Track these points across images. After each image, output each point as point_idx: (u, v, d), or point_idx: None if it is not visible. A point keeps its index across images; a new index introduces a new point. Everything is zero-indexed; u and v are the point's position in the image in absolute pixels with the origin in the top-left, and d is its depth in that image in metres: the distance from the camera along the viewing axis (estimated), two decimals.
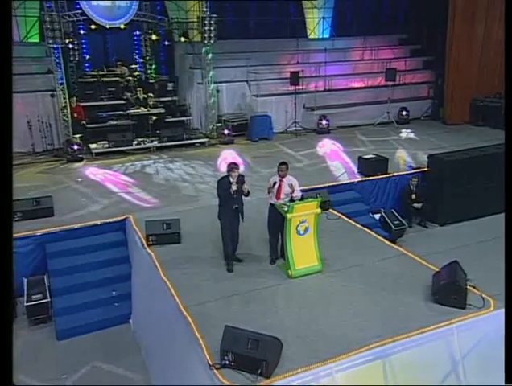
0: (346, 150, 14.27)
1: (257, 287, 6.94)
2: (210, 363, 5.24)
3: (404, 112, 17.79)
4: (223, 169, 11.43)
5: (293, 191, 7.33)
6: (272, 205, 7.36)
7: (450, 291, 6.39)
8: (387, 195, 11.98)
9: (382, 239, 8.68)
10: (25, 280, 8.41)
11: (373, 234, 8.87)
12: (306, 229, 7.09)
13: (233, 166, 7.27)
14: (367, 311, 6.38)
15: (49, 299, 8.23)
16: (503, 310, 6.24)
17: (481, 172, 11.79)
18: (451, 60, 17.25)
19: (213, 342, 5.44)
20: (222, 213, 7.37)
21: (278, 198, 7.35)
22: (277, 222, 7.29)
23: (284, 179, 7.36)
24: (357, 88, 18.74)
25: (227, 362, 5.19)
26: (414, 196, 11.65)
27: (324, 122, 16.55)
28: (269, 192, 7.36)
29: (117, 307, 8.37)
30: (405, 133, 16.37)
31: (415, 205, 11.65)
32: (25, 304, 8.11)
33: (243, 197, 7.37)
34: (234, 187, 7.13)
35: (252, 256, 7.84)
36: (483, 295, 6.55)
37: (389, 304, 6.53)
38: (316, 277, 7.19)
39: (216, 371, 5.15)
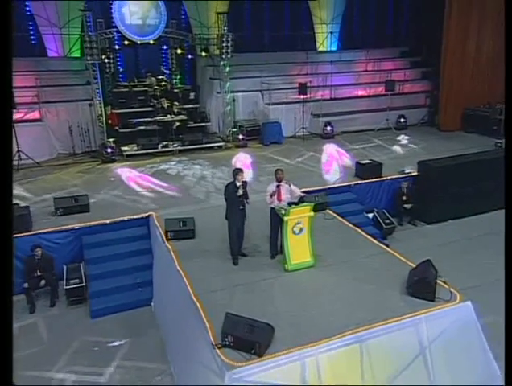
0: (347, 154, 14.42)
1: (257, 279, 7.23)
2: (213, 343, 5.63)
3: (402, 119, 17.83)
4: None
5: (293, 190, 7.62)
6: (273, 208, 7.62)
7: (421, 286, 6.62)
8: (381, 197, 12.08)
9: (370, 237, 8.79)
10: (65, 267, 8.81)
11: (363, 233, 9.00)
12: (301, 230, 7.32)
13: (238, 171, 7.53)
14: (350, 302, 6.64)
15: (84, 284, 8.58)
16: (469, 303, 6.60)
17: (465, 177, 11.88)
18: (445, 73, 17.23)
19: (217, 325, 5.78)
20: (229, 214, 7.63)
21: (279, 200, 7.54)
22: (277, 222, 7.56)
23: (282, 183, 7.58)
24: (359, 97, 18.81)
25: (227, 343, 5.56)
26: (404, 198, 11.77)
27: (328, 128, 16.69)
28: (270, 202, 7.55)
29: (141, 292, 8.63)
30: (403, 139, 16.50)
31: (406, 206, 11.78)
32: (64, 287, 8.51)
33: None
34: (240, 192, 7.52)
35: (255, 252, 8.05)
36: (451, 289, 6.75)
37: (369, 296, 6.76)
38: (309, 271, 7.42)
39: (217, 349, 5.53)
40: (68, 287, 8.52)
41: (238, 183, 7.49)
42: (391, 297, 6.74)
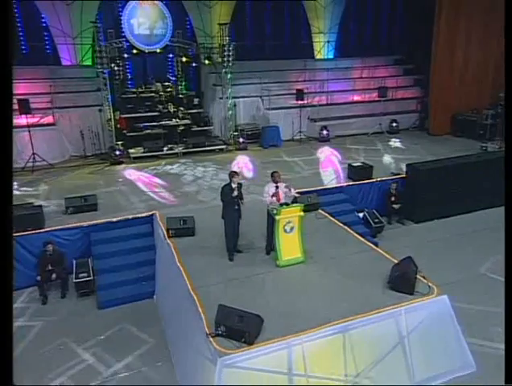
0: (341, 157, 14.50)
1: (251, 274, 7.39)
2: (207, 332, 5.83)
3: (394, 124, 17.91)
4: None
5: (290, 190, 7.73)
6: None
7: (402, 280, 6.79)
8: (371, 197, 12.13)
9: (358, 236, 8.90)
10: (74, 261, 8.94)
11: (351, 231, 9.09)
12: (291, 228, 7.48)
13: (233, 174, 7.70)
14: (335, 295, 6.80)
15: (92, 277, 8.72)
16: (445, 296, 6.75)
17: (450, 179, 11.98)
18: (434, 80, 17.31)
19: (212, 316, 5.94)
20: (225, 213, 7.79)
21: (279, 200, 7.60)
22: (273, 221, 7.62)
23: (279, 184, 7.69)
24: (354, 103, 18.90)
25: (220, 332, 5.75)
26: (393, 198, 11.85)
27: (324, 132, 16.78)
28: (270, 202, 7.60)
29: (144, 285, 8.74)
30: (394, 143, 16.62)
31: (395, 206, 11.87)
32: (74, 280, 8.68)
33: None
34: (236, 193, 7.71)
35: (250, 249, 8.18)
36: (429, 284, 6.90)
37: (354, 289, 6.92)
38: (299, 267, 7.57)
39: (211, 338, 5.73)
40: (76, 280, 8.69)
41: (234, 185, 7.67)
42: (374, 290, 6.89)
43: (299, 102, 16.73)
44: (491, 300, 8.41)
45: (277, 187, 7.67)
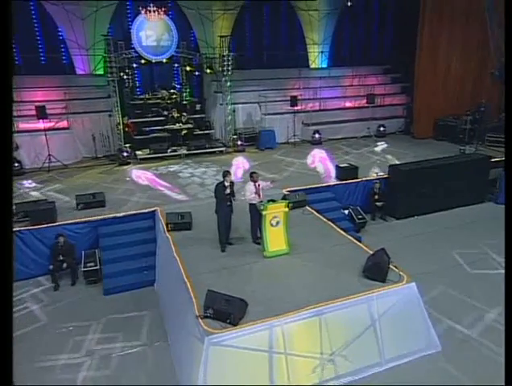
0: (331, 159, 14.63)
1: (240, 263, 7.62)
2: (197, 314, 6.11)
3: (382, 128, 18.04)
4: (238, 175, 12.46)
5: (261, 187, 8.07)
6: (252, 204, 7.98)
7: (375, 270, 7.01)
8: (357, 196, 12.27)
9: (340, 230, 9.04)
10: (83, 252, 9.18)
11: (335, 226, 9.23)
12: (277, 222, 7.70)
13: (226, 173, 7.96)
14: (314, 282, 7.03)
15: (99, 267, 8.97)
16: (413, 284, 6.96)
17: (429, 179, 12.16)
18: (418, 88, 17.45)
19: (203, 301, 6.18)
20: (219, 209, 8.05)
21: (259, 196, 7.96)
22: (256, 215, 7.91)
23: (258, 183, 8.04)
24: (345, 108, 19.02)
25: (208, 314, 6.02)
26: (377, 197, 12.00)
27: (317, 135, 16.96)
28: (251, 198, 7.93)
29: (146, 274, 8.98)
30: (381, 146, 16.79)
31: (378, 204, 12.02)
32: (82, 269, 8.95)
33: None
34: (228, 190, 7.96)
35: (240, 241, 8.41)
36: (400, 273, 7.11)
37: (331, 278, 7.14)
38: (284, 258, 7.78)
39: (200, 320, 6.00)
40: (85, 269, 8.95)
41: (227, 183, 7.94)
42: (350, 278, 7.10)
43: (294, 108, 16.87)
44: (459, 287, 8.75)
45: (258, 186, 7.99)
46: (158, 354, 7.01)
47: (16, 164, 13.34)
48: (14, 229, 9.24)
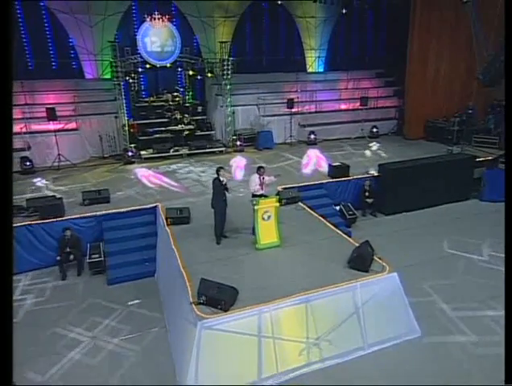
0: (325, 158, 14.62)
1: (233, 255, 7.77)
2: (191, 301, 6.27)
3: (375, 129, 18.11)
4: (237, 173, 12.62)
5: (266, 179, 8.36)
6: (255, 195, 8.22)
7: (359, 260, 7.15)
8: (348, 193, 12.39)
9: (329, 225, 9.14)
10: (88, 245, 9.37)
11: (325, 221, 9.34)
12: (269, 217, 7.85)
13: (220, 169, 8.10)
14: (303, 272, 7.16)
15: (103, 258, 9.15)
16: (395, 274, 7.10)
17: (416, 177, 12.26)
18: (409, 91, 17.53)
19: (197, 288, 6.33)
20: (215, 203, 8.17)
21: (262, 188, 8.30)
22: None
23: (263, 176, 8.31)
24: (340, 110, 19.06)
25: (201, 301, 6.18)
26: (367, 194, 12.15)
27: (312, 136, 17.05)
28: (256, 189, 8.24)
29: (147, 266, 9.15)
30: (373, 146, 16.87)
31: (368, 200, 12.17)
32: (87, 261, 9.15)
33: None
34: (224, 182, 8.05)
35: (234, 235, 8.54)
36: (383, 264, 7.25)
37: (319, 268, 7.27)
38: (275, 250, 7.94)
39: (194, 306, 6.16)
40: (90, 261, 9.14)
41: (221, 178, 8.08)
42: (335, 269, 7.23)
43: (291, 110, 16.98)
44: (441, 277, 8.94)
45: (263, 178, 8.26)
46: (156, 338, 7.19)
47: (28, 163, 13.56)
48: (25, 223, 9.49)
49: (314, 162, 14.24)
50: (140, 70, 16.42)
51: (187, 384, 5.83)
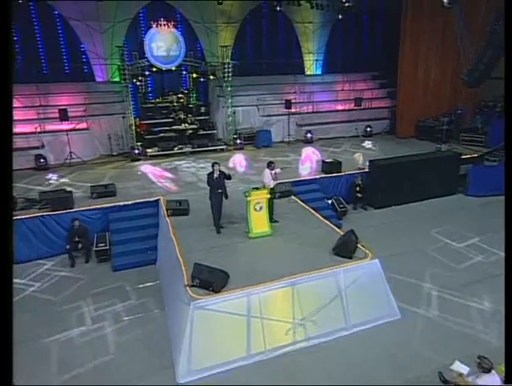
0: (320, 155, 14.69)
1: (227, 243, 7.97)
2: (186, 283, 6.52)
3: (369, 129, 18.14)
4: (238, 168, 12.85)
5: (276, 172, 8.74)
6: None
7: (343, 247, 7.33)
8: (340, 187, 12.49)
9: (319, 216, 9.28)
10: (95, 235, 9.61)
11: (316, 213, 9.47)
12: (261, 207, 8.03)
13: (214, 164, 8.26)
14: (291, 259, 7.35)
15: (108, 247, 9.38)
16: (376, 260, 7.26)
17: (404, 173, 12.37)
18: (401, 92, 17.57)
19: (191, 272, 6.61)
20: (211, 196, 8.36)
21: (275, 181, 8.74)
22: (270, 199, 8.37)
23: (274, 170, 8.65)
24: (335, 111, 19.13)
25: (195, 283, 6.42)
26: (358, 188, 12.24)
27: (309, 135, 17.14)
28: (269, 181, 8.54)
29: (150, 254, 9.36)
30: (366, 144, 16.93)
31: (359, 195, 12.26)
32: (94, 249, 9.39)
33: (226, 181, 8.34)
34: (216, 175, 8.21)
35: (230, 224, 8.72)
36: (366, 251, 7.43)
37: (306, 254, 7.46)
38: (266, 238, 8.12)
39: (188, 288, 6.40)
40: (97, 249, 9.38)
41: (215, 173, 8.27)
42: (321, 255, 7.41)
43: (289, 110, 17.10)
44: (422, 265, 9.11)
45: (275, 173, 8.58)
46: (157, 319, 7.43)
47: (42, 160, 13.87)
48: (38, 214, 9.78)
49: (310, 159, 14.35)
50: (147, 73, 16.56)
51: (182, 359, 6.04)
